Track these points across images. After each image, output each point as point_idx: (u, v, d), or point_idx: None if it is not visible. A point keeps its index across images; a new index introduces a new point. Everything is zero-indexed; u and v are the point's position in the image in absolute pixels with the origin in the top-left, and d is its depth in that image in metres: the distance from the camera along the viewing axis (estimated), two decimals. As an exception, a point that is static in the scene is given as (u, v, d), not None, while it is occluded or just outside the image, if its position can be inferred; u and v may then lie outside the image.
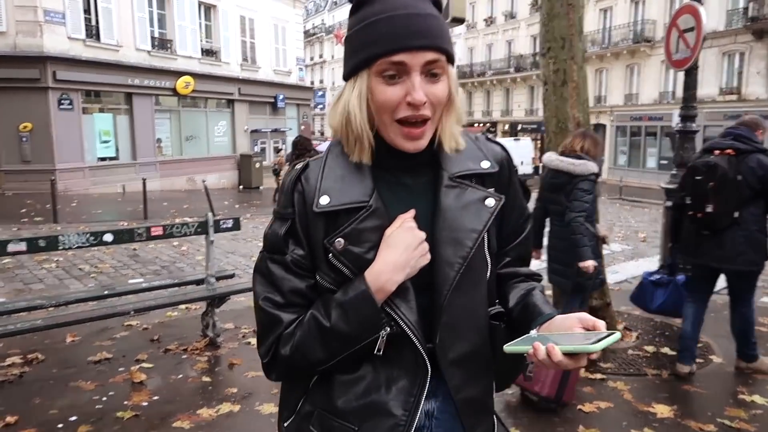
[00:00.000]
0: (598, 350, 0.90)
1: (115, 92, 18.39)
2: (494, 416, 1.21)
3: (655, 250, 8.80)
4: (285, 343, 1.04)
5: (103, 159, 18.16)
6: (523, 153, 27.06)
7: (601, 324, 0.97)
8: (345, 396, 1.06)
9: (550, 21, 4.60)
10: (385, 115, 1.02)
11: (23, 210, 12.25)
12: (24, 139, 15.85)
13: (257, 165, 21.49)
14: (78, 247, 4.15)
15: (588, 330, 0.97)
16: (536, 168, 29.03)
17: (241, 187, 21.57)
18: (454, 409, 1.10)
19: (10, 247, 3.86)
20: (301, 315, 1.06)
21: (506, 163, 1.19)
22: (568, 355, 0.92)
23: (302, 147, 5.66)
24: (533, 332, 1.04)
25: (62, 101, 16.34)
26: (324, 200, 1.04)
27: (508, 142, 28.23)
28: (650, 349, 4.45)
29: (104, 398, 3.54)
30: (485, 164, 1.14)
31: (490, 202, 1.10)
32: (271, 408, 3.39)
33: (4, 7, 15.42)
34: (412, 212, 1.06)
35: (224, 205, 15.01)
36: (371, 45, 1.01)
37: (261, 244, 1.12)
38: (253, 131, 24.30)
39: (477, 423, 1.14)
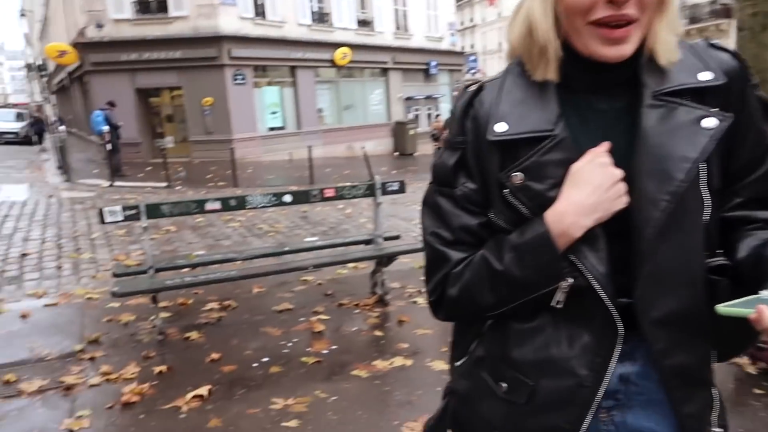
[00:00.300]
0: None
1: (281, 66, 19.67)
2: (712, 392, 0.99)
3: None
4: (453, 283, 0.96)
5: (272, 129, 19.63)
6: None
7: None
8: (521, 347, 0.94)
9: (752, -44, 4.02)
10: (577, 18, 0.85)
11: (208, 176, 13.68)
12: (206, 112, 17.63)
13: (411, 132, 21.82)
14: (262, 207, 4.55)
15: None
16: None
17: (396, 153, 22.08)
18: (658, 376, 0.93)
19: (208, 206, 4.34)
20: (470, 254, 0.96)
21: (738, 73, 0.91)
22: None
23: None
24: (764, 293, 0.82)
25: (236, 77, 17.85)
26: (500, 127, 0.90)
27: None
28: None
29: (289, 344, 3.88)
30: (704, 76, 0.88)
31: (710, 122, 0.86)
32: (441, 365, 3.48)
33: (186, -7, 17.12)
34: (605, 145, 0.88)
35: (381, 171, 15.48)
36: None
37: (419, 208, 1.04)
38: (406, 99, 24.64)
39: (688, 397, 0.93)
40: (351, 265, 5.59)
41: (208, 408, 3.06)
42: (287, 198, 4.60)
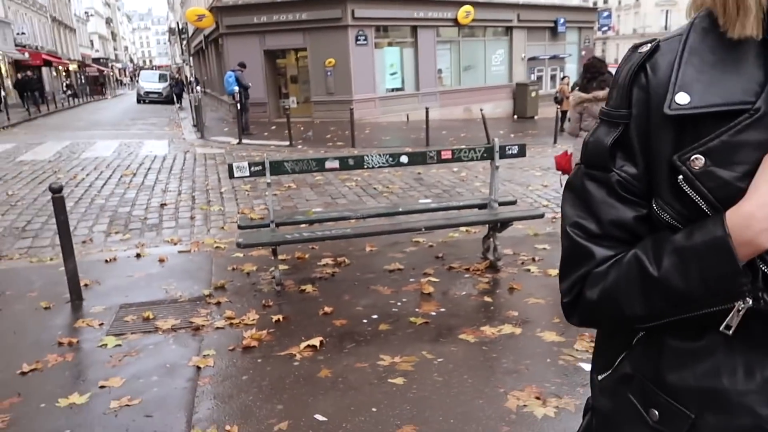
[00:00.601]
0: None
1: (402, 26, 19.53)
2: None
3: None
4: (593, 283, 0.80)
5: (390, 90, 19.69)
6: None
7: None
8: (680, 369, 0.78)
9: None
10: None
11: (328, 136, 14.08)
12: (328, 73, 18.03)
13: (533, 94, 20.90)
14: (379, 167, 4.59)
15: None
16: None
17: (515, 116, 21.34)
18: None
19: (327, 164, 4.45)
20: (620, 252, 0.80)
21: None
22: None
23: (595, 70, 5.23)
24: None
25: (359, 37, 18.00)
26: (682, 99, 0.71)
27: None
28: None
29: (399, 303, 3.94)
30: None
31: None
32: (552, 336, 3.36)
33: (313, -46, 17.38)
34: None
35: (499, 134, 15.04)
36: None
37: (538, 174, 0.89)
38: (530, 59, 23.57)
39: None
40: (463, 228, 5.53)
41: (319, 358, 3.20)
42: (404, 159, 4.60)
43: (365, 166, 4.52)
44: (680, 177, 0.72)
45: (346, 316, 3.73)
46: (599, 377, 0.92)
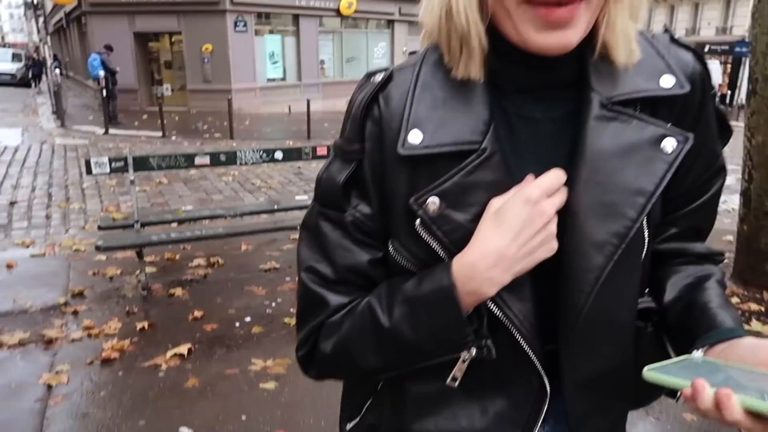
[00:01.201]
0: None
1: (284, 14, 19.14)
2: None
3: None
4: (328, 335, 0.75)
5: (271, 80, 19.25)
6: (708, 78, 24.04)
7: None
8: (421, 418, 0.77)
9: None
10: None
11: (205, 126, 13.51)
12: (205, 60, 17.25)
13: (414, 87, 21.44)
14: (253, 163, 4.47)
15: None
16: (722, 96, 25.70)
17: (397, 109, 21.77)
18: None
19: (197, 160, 4.26)
20: (356, 298, 0.75)
21: (700, 80, 0.73)
22: (752, 413, 0.53)
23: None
24: (697, 353, 0.67)
25: (237, 23, 17.38)
26: (415, 137, 0.68)
27: (691, 65, 25.14)
28: None
29: (273, 304, 3.87)
30: (667, 81, 0.69)
31: (670, 145, 0.67)
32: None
33: (188, -67, 16.48)
34: (556, 175, 0.67)
35: (381, 128, 15.31)
36: None
37: None
38: (411, 53, 23.91)
39: None
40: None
41: (187, 367, 3.06)
42: (279, 155, 4.52)
43: (238, 163, 4.38)
44: (417, 221, 0.69)
45: (217, 320, 3.60)
46: (347, 427, 0.88)
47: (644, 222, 0.70)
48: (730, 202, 7.58)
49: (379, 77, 0.74)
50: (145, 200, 6.60)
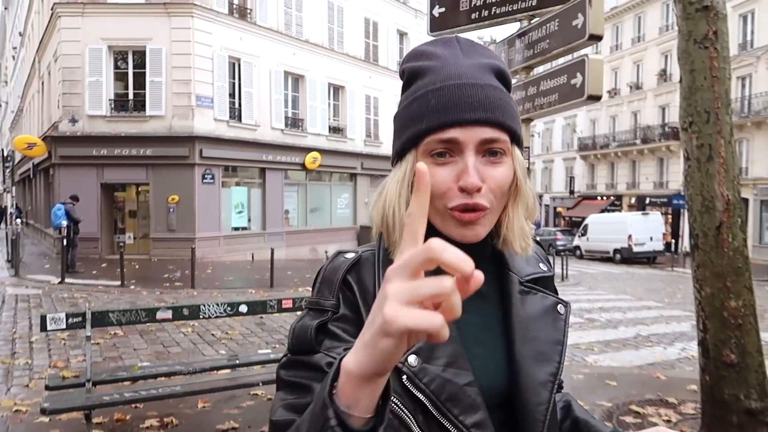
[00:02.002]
0: None
1: (251, 167, 19.97)
2: None
3: (823, 343, 7.67)
4: None
5: (236, 229, 19.54)
6: (652, 228, 25.51)
7: None
8: None
9: (692, 94, 4.36)
10: (437, 201, 0.83)
11: (165, 275, 13.34)
12: (171, 210, 17.52)
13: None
14: (216, 317, 4.40)
15: None
16: (667, 244, 27.15)
17: (360, 257, 22.09)
18: None
19: (159, 315, 4.17)
20: None
21: (548, 265, 1.04)
22: None
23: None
24: None
25: (206, 176, 17.98)
26: None
27: (635, 216, 26.83)
28: (830, 466, 3.78)
29: (231, 470, 3.60)
30: (543, 267, 1.00)
31: (562, 308, 0.95)
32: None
33: (164, 94, 17.57)
34: (466, 265, 0.54)
35: (344, 276, 15.37)
36: (418, 121, 0.84)
37: None
38: (373, 203, 25.08)
39: None
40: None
41: None
42: (243, 308, 4.48)
43: (201, 317, 4.31)
44: (404, 377, 0.79)
45: (168, 491, 3.30)
46: None
47: None
48: (688, 349, 7.71)
49: (350, 256, 0.90)
50: (98, 354, 6.30)
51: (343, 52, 23.11)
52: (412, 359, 0.80)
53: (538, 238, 1.04)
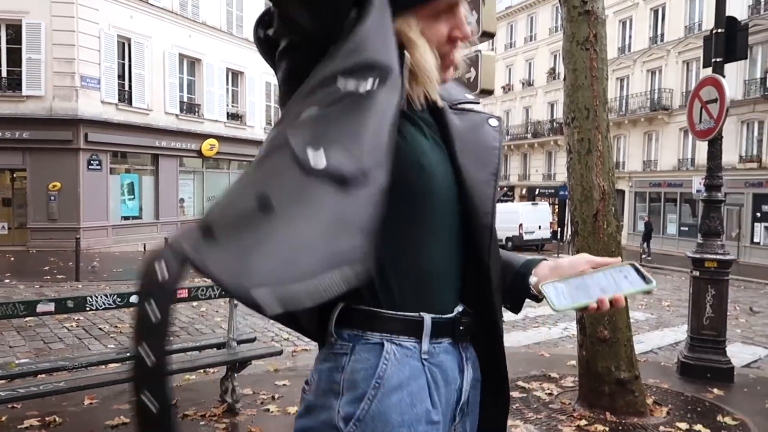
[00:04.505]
0: (655, 287, 0.98)
1: (143, 153, 18.97)
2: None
3: (681, 319, 8.58)
4: None
5: (126, 218, 18.51)
6: (540, 217, 27.16)
7: (612, 259, 1.04)
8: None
9: (575, 92, 4.69)
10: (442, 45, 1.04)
11: (46, 267, 12.41)
12: (52, 198, 16.27)
13: (277, 226, 21.71)
14: (104, 308, 4.17)
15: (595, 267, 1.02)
16: (554, 232, 29.01)
17: (260, 247, 21.71)
18: (480, 382, 1.08)
19: (39, 308, 3.88)
20: None
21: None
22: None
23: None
24: (533, 279, 1.07)
25: (91, 162, 16.86)
26: None
27: (525, 206, 28.40)
28: (683, 426, 4.26)
29: (121, 466, 3.46)
30: (470, 96, 1.15)
31: (494, 121, 1.11)
32: (291, 481, 3.27)
33: (43, 73, 16.21)
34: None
35: (243, 266, 15.05)
36: None
37: None
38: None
39: (493, 401, 1.10)
40: (201, 369, 5.22)
41: None
42: (134, 299, 4.27)
43: (88, 309, 4.06)
44: None
45: (51, 493, 3.12)
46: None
47: None
48: (570, 329, 8.34)
49: None
50: (-34, 354, 5.78)
51: (243, 36, 22.45)
52: None
53: None
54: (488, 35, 3.58)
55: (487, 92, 3.84)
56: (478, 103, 1.16)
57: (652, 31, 27.62)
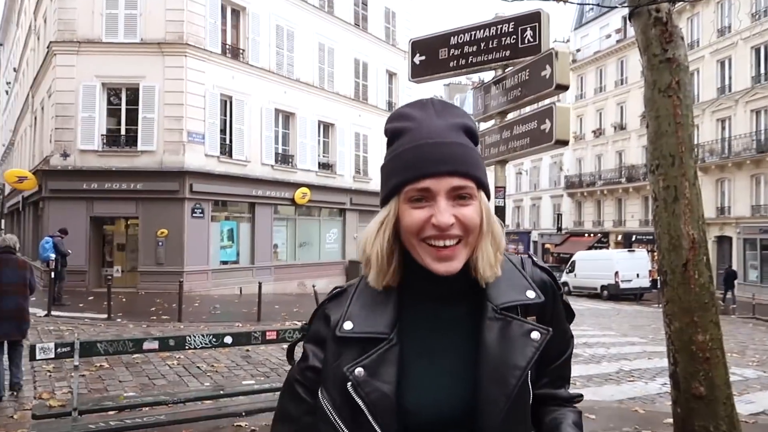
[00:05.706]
0: None
1: (241, 202, 20.14)
2: None
3: (798, 379, 7.84)
4: None
5: (224, 262, 19.56)
6: (638, 265, 25.80)
7: None
8: None
9: (658, 139, 4.61)
10: (412, 236, 1.02)
11: (153, 308, 13.34)
12: (160, 243, 17.57)
13: (365, 271, 22.05)
14: (201, 348, 4.51)
15: None
16: (654, 281, 27.39)
17: (348, 292, 22.08)
18: None
19: (145, 345, 4.29)
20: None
21: (552, 290, 1.15)
22: None
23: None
24: None
25: (195, 210, 18.10)
26: (347, 325, 1.05)
27: (622, 253, 27.13)
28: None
29: (213, 499, 3.67)
30: (530, 294, 1.10)
31: (536, 335, 1.05)
32: None
33: (156, 130, 17.84)
34: None
35: (331, 311, 15.38)
36: (399, 173, 1.04)
37: None
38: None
39: None
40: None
41: None
42: (228, 339, 4.59)
43: (187, 348, 4.42)
44: (349, 383, 1.00)
45: None
46: None
47: (529, 381, 1.06)
48: (669, 384, 7.84)
49: (335, 291, 1.15)
50: (83, 386, 6.34)
51: (333, 90, 23.60)
52: (360, 370, 1.00)
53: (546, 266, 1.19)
54: (562, 88, 3.67)
55: (562, 143, 3.89)
56: (542, 300, 1.11)
57: (755, 70, 26.18)
